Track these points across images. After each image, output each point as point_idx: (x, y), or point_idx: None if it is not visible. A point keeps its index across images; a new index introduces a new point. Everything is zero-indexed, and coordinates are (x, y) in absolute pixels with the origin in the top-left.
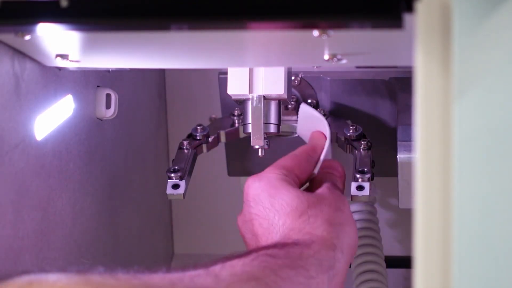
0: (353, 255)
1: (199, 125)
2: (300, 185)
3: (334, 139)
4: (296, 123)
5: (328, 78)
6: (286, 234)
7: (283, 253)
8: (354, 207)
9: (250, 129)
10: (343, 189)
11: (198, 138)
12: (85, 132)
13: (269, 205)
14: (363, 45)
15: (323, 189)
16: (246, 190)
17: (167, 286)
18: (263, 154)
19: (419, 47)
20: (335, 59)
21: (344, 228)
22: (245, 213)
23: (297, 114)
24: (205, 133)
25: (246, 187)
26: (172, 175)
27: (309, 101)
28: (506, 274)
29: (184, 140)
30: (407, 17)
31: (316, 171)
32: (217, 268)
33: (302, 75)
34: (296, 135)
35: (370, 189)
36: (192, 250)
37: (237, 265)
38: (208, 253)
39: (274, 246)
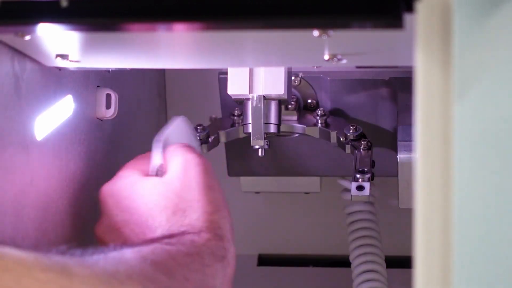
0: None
1: (199, 125)
2: None
3: (334, 139)
4: (296, 123)
5: (328, 78)
6: (168, 230)
7: (175, 241)
8: (354, 207)
9: (250, 129)
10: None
11: (198, 138)
12: (85, 132)
13: (136, 210)
14: (363, 45)
15: (178, 167)
16: (104, 199)
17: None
18: (263, 154)
19: (419, 47)
20: (335, 59)
21: (222, 213)
22: (109, 222)
23: (297, 114)
24: (205, 133)
25: (103, 195)
26: None
27: (309, 101)
28: (506, 274)
29: None
30: (407, 17)
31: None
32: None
33: (302, 75)
34: (297, 135)
35: (370, 189)
36: None
37: (136, 253)
38: None
39: (164, 237)
